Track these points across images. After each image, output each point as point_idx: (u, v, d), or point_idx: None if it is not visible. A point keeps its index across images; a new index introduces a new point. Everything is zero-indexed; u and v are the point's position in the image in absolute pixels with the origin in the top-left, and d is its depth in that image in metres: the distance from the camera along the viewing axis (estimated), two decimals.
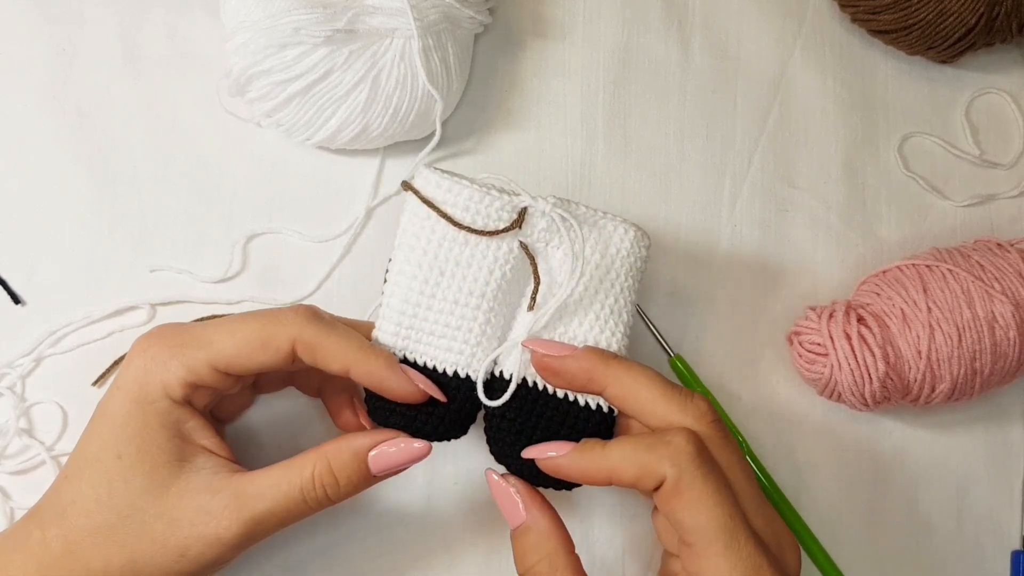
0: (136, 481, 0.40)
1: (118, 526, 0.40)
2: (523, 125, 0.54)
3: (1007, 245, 0.50)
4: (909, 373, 0.47)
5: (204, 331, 0.41)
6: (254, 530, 0.40)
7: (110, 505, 0.40)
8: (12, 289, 0.51)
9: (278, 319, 0.41)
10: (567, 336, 0.42)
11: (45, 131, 0.52)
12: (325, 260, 0.52)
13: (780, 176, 0.55)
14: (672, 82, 0.55)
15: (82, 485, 0.41)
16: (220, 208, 0.52)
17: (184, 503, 0.40)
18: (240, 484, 0.40)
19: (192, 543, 0.40)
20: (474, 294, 0.42)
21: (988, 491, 0.53)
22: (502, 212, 0.42)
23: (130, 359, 0.41)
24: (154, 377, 0.40)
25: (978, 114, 0.56)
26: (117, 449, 0.40)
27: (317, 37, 0.46)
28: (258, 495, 0.40)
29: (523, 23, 0.55)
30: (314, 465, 0.41)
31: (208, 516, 0.40)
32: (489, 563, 0.50)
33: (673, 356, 0.52)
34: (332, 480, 0.41)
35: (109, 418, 0.41)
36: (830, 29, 0.56)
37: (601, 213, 0.43)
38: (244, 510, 0.40)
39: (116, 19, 0.53)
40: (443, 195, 0.42)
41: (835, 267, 0.54)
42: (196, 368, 0.40)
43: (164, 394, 0.40)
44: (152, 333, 0.42)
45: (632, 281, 0.43)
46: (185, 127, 0.53)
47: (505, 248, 0.42)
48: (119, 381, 0.41)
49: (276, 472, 0.41)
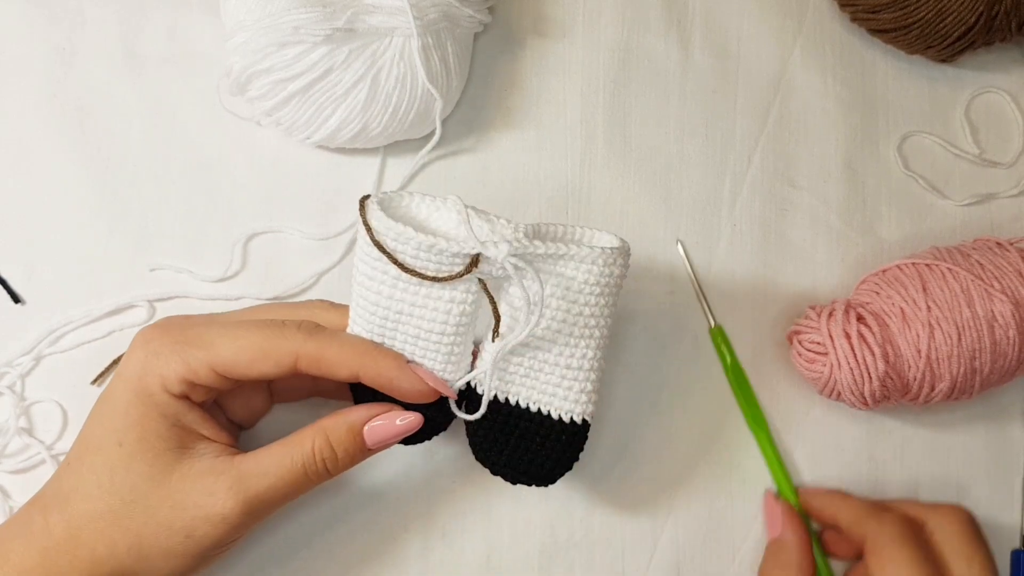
0: (138, 467, 0.40)
1: (121, 511, 0.40)
2: (523, 124, 0.54)
3: (1007, 244, 0.50)
4: (909, 372, 0.47)
5: (208, 331, 0.41)
6: (258, 508, 0.41)
7: (112, 491, 0.40)
8: (12, 288, 0.51)
9: (282, 333, 0.41)
10: (539, 359, 0.42)
11: (45, 130, 0.52)
12: (325, 258, 0.52)
13: (780, 175, 0.55)
14: (672, 82, 0.55)
15: (83, 471, 0.41)
16: (220, 207, 0.52)
17: (187, 486, 0.41)
18: (242, 464, 0.41)
19: (198, 524, 0.40)
20: (434, 331, 0.42)
21: (988, 490, 0.53)
22: (455, 259, 0.40)
23: (133, 349, 0.42)
24: (153, 370, 0.41)
25: (978, 113, 0.56)
26: (118, 437, 0.41)
27: (317, 36, 0.46)
28: (260, 472, 0.41)
29: (523, 22, 0.55)
30: (313, 440, 0.42)
31: (212, 497, 0.41)
32: (490, 562, 0.50)
33: (714, 327, 0.52)
34: (331, 454, 0.42)
35: (110, 406, 0.41)
36: (830, 28, 0.57)
37: (579, 229, 0.43)
38: (247, 489, 0.41)
39: (116, 18, 0.53)
40: (391, 242, 0.40)
41: (835, 266, 0.54)
42: (195, 367, 0.40)
43: (162, 388, 0.41)
44: (156, 325, 0.42)
45: (604, 301, 0.42)
46: (185, 126, 0.53)
47: (462, 288, 0.41)
48: (121, 370, 0.42)
49: (276, 449, 0.42)
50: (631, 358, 0.52)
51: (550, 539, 0.51)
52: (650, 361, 0.53)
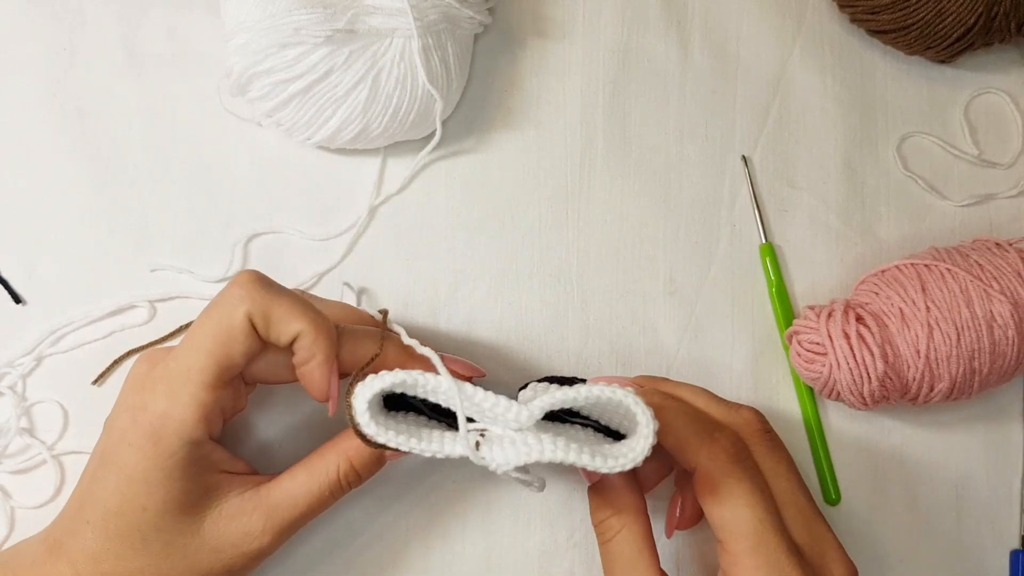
0: (168, 525, 0.40)
1: (162, 564, 0.40)
2: (523, 124, 0.54)
3: (1006, 245, 0.50)
4: (908, 372, 0.47)
5: (176, 363, 0.40)
6: (289, 534, 0.43)
7: (147, 551, 0.40)
8: (13, 288, 0.51)
9: (225, 303, 0.40)
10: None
11: (45, 130, 0.52)
12: (326, 259, 0.52)
13: (779, 176, 0.55)
14: (672, 82, 0.55)
15: (110, 535, 0.40)
16: (221, 207, 0.52)
17: (222, 529, 0.41)
18: (271, 497, 0.42)
19: (237, 560, 0.41)
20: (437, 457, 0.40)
21: (987, 490, 0.53)
22: (454, 448, 0.39)
23: (130, 415, 0.40)
24: (167, 430, 0.39)
25: (977, 114, 0.57)
26: (140, 503, 0.40)
27: (317, 37, 0.47)
28: (291, 503, 0.42)
29: (523, 23, 0.55)
30: (338, 466, 0.42)
31: (249, 536, 0.41)
32: (490, 562, 0.50)
33: (763, 244, 0.53)
34: (356, 476, 0.43)
35: (126, 475, 0.40)
36: (829, 29, 0.57)
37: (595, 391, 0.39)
38: (281, 520, 0.42)
39: (116, 18, 0.53)
40: (389, 444, 0.39)
41: (834, 266, 0.54)
42: (202, 400, 0.40)
43: (184, 441, 0.40)
44: (140, 383, 0.41)
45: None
46: (186, 126, 0.53)
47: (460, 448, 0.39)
48: (128, 438, 0.40)
49: (301, 477, 0.42)
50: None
51: (550, 539, 0.51)
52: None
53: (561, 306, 0.53)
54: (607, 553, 0.43)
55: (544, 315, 0.53)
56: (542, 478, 0.41)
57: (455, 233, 0.53)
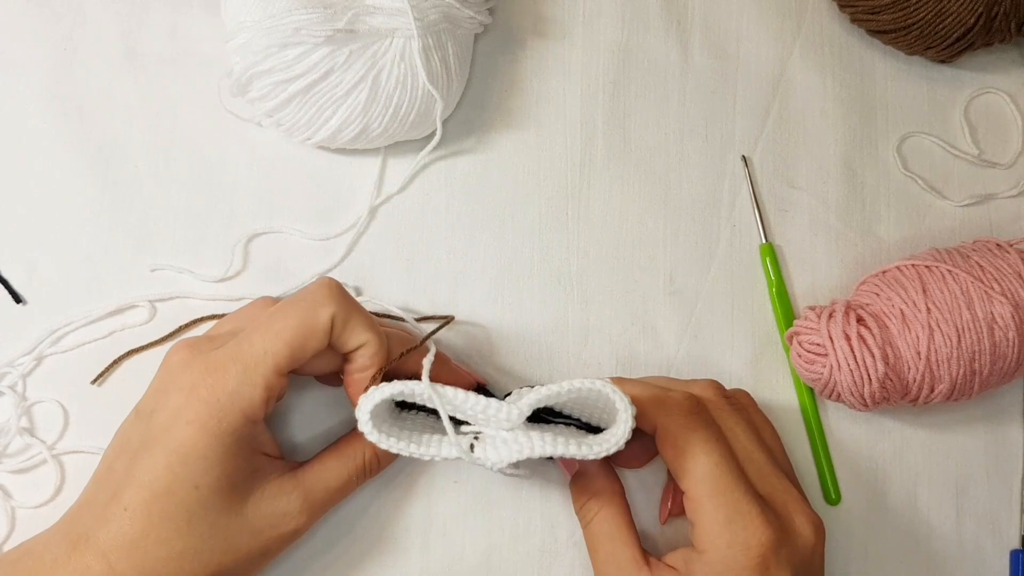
0: (216, 505, 0.41)
1: (202, 547, 0.41)
2: (523, 125, 0.54)
3: (1006, 245, 0.50)
4: (908, 374, 0.47)
5: (252, 346, 0.41)
6: (319, 516, 0.45)
7: (190, 532, 0.41)
8: (13, 288, 0.51)
9: (311, 301, 0.42)
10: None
11: (46, 130, 0.52)
12: (326, 259, 0.52)
13: (779, 176, 0.55)
14: (671, 82, 0.55)
15: (153, 518, 0.40)
16: (221, 207, 0.52)
17: (263, 510, 0.43)
18: (305, 480, 0.44)
19: (274, 542, 0.43)
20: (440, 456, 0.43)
21: (987, 491, 0.53)
22: (449, 451, 0.42)
23: (185, 394, 0.41)
24: (234, 407, 0.41)
25: (977, 114, 0.57)
26: (193, 481, 0.40)
27: (317, 37, 0.47)
28: (323, 487, 0.45)
29: (523, 23, 0.55)
30: (364, 453, 0.46)
31: (286, 517, 0.43)
32: (490, 562, 0.50)
33: (764, 244, 0.54)
34: (377, 463, 0.47)
35: (181, 454, 0.40)
36: (829, 29, 0.57)
37: (577, 385, 0.41)
38: (314, 502, 0.44)
39: (117, 18, 0.53)
40: (391, 450, 0.42)
41: (834, 267, 0.54)
42: (270, 383, 0.41)
43: (247, 420, 0.41)
44: (198, 364, 0.42)
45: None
46: (186, 126, 0.53)
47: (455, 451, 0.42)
48: (185, 415, 0.41)
49: (331, 462, 0.45)
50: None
51: (550, 539, 0.51)
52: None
53: (561, 306, 0.53)
54: (589, 535, 0.46)
55: (544, 315, 0.53)
56: (527, 471, 0.44)
57: (455, 233, 0.53)
